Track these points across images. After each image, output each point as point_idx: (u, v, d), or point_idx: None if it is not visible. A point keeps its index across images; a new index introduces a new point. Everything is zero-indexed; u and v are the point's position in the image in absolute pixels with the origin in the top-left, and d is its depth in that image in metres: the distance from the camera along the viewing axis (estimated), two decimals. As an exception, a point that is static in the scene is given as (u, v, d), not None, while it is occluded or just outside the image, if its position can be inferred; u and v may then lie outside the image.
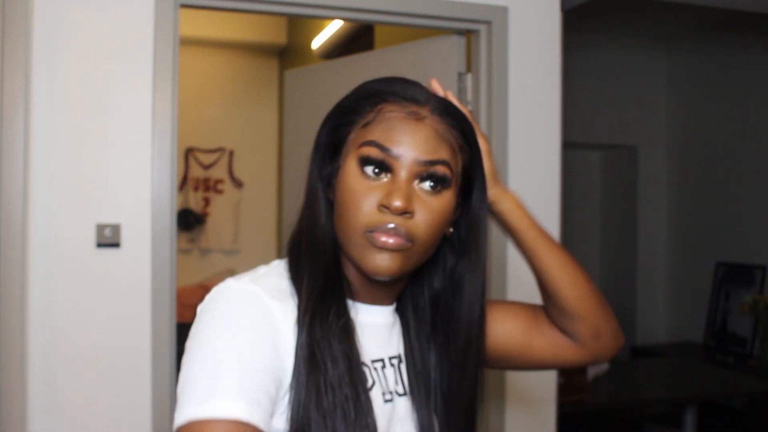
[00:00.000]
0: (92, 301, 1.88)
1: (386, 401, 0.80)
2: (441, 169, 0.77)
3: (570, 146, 4.01)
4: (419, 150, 0.75)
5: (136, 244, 1.92)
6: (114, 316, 1.90)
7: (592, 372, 2.88)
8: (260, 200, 5.08)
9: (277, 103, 5.14)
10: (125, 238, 1.91)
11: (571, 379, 2.61)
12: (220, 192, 5.02)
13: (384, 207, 0.74)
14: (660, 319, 4.89)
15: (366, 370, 0.78)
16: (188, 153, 4.94)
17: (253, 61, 5.13)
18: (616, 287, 5.05)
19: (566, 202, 2.48)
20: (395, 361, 0.84)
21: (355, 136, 0.77)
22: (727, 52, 4.39)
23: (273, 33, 4.90)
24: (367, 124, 0.77)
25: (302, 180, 0.82)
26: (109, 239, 1.89)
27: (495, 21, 2.23)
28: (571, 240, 4.73)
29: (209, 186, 5.01)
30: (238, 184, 5.04)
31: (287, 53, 5.00)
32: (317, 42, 3.97)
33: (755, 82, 4.21)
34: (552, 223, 2.29)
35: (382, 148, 0.75)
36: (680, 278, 4.78)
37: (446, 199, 0.77)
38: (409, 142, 0.75)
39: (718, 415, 3.77)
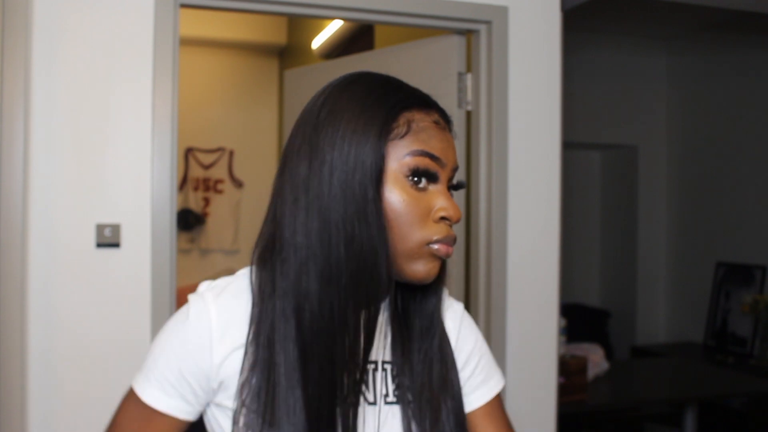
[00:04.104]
0: (92, 301, 1.88)
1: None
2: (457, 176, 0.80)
3: (570, 146, 4.02)
4: (453, 159, 0.77)
5: (136, 244, 1.92)
6: (114, 316, 1.90)
7: (592, 372, 2.88)
8: (260, 200, 5.07)
9: (277, 103, 5.14)
10: (125, 238, 1.91)
11: (571, 379, 2.61)
12: (220, 192, 5.02)
13: (446, 219, 0.75)
14: (660, 319, 4.88)
15: None
16: (188, 153, 4.94)
17: (253, 61, 5.13)
18: (616, 287, 5.06)
19: (566, 202, 2.48)
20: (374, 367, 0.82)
21: (392, 147, 0.74)
22: (727, 52, 4.39)
23: (273, 33, 4.90)
24: (404, 136, 0.74)
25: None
26: (108, 239, 1.89)
27: (495, 21, 2.23)
28: (571, 240, 4.74)
29: (209, 186, 5.00)
30: (238, 184, 5.04)
31: (287, 53, 5.00)
32: (317, 42, 3.97)
33: (755, 82, 4.21)
34: (552, 223, 2.29)
35: (433, 158, 0.74)
36: (680, 278, 4.78)
37: None
38: (447, 152, 0.76)
39: (718, 415, 3.78)
